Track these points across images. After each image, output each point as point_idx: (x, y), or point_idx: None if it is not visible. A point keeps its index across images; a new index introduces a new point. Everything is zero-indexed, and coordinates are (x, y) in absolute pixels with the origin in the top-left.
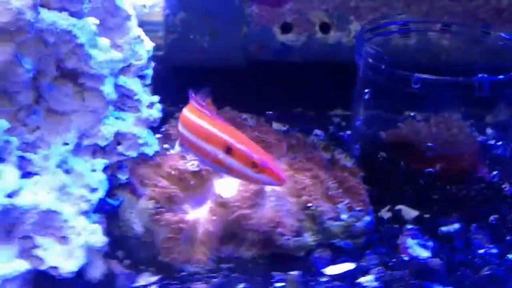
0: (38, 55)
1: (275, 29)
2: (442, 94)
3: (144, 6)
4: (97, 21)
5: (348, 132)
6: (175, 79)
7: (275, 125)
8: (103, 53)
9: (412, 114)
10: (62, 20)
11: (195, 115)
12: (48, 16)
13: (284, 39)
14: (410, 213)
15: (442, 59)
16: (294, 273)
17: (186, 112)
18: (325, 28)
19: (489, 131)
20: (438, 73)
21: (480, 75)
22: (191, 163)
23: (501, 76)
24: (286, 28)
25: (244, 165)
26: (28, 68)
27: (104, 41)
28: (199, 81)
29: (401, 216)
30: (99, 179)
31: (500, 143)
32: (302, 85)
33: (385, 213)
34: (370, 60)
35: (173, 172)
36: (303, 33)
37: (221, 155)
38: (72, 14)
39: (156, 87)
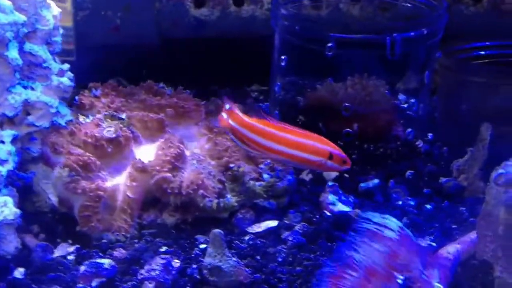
0: None
1: (188, 4)
2: (356, 57)
3: None
4: None
5: (266, 103)
6: (86, 59)
7: None
8: (5, 14)
9: (329, 79)
10: None
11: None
12: None
13: (197, 14)
14: (329, 173)
15: (353, 29)
16: (218, 230)
17: (247, 120)
18: (238, 1)
19: (401, 96)
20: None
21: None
22: (107, 130)
23: (411, 33)
24: (199, 2)
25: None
26: None
27: (6, 3)
28: (113, 60)
29: (322, 176)
30: (7, 150)
31: (414, 101)
32: (219, 61)
33: (306, 175)
34: (286, 23)
35: (88, 140)
36: (216, 7)
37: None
38: None
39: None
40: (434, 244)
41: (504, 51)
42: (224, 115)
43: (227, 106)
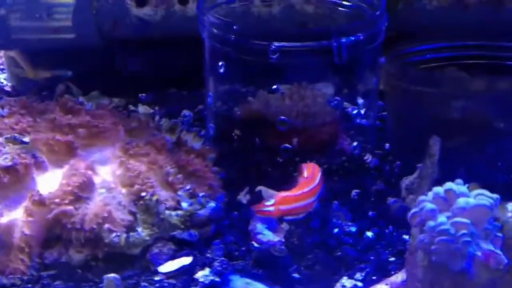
0: None
1: (129, 2)
2: (300, 63)
3: None
4: None
5: None
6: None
7: (141, 108)
8: None
9: (275, 86)
10: None
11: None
12: None
13: (140, 13)
14: (269, 193)
15: (308, 26)
16: (113, 275)
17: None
18: None
19: (348, 105)
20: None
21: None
22: (4, 157)
23: (360, 35)
24: (141, 0)
25: None
26: None
27: None
28: (53, 65)
29: (260, 197)
30: None
31: (361, 111)
32: (172, 63)
33: (244, 197)
34: (216, 31)
35: None
36: (160, 6)
37: None
38: None
39: None
40: (360, 284)
41: (459, 53)
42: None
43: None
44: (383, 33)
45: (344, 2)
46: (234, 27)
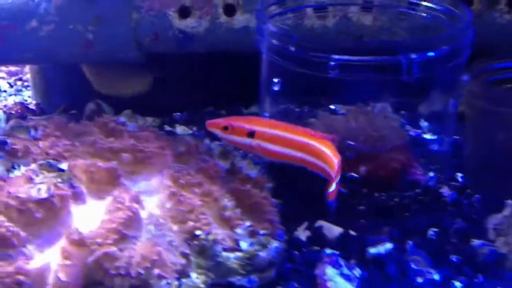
0: None
1: (172, 14)
2: (364, 80)
3: None
4: None
5: None
6: (63, 85)
7: (180, 129)
8: None
9: (332, 107)
10: None
11: None
12: None
13: (182, 25)
14: (332, 230)
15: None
16: None
17: None
18: (229, 9)
19: (423, 123)
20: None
21: (407, 54)
22: (38, 188)
23: (431, 53)
24: (184, 12)
25: None
26: None
27: None
28: (86, 82)
29: (322, 235)
30: None
31: (435, 137)
32: (211, 79)
33: (302, 233)
34: (275, 42)
35: (11, 203)
36: (204, 17)
37: None
38: None
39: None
40: None
41: None
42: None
43: None
44: (467, 50)
45: (412, 11)
46: (293, 37)
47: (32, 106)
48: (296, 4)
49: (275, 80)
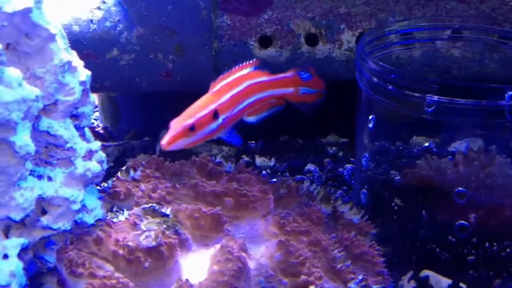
0: None
1: (252, 43)
2: (464, 120)
3: (91, 21)
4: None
5: (348, 166)
6: (133, 109)
7: (259, 160)
8: (11, 89)
9: (428, 144)
10: None
11: None
12: None
13: (263, 55)
14: (440, 282)
15: (453, 73)
16: None
17: None
18: (312, 39)
19: None
20: (450, 91)
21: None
22: (145, 236)
23: None
24: (265, 41)
25: None
26: None
27: (12, 73)
28: (165, 111)
29: (428, 286)
30: (10, 270)
31: None
32: (288, 107)
33: (407, 284)
34: (375, 79)
35: (120, 252)
36: (285, 47)
37: None
38: None
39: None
40: None
41: None
42: None
43: None
44: None
45: (502, 45)
46: (392, 75)
47: (100, 130)
48: (382, 41)
49: (370, 117)
